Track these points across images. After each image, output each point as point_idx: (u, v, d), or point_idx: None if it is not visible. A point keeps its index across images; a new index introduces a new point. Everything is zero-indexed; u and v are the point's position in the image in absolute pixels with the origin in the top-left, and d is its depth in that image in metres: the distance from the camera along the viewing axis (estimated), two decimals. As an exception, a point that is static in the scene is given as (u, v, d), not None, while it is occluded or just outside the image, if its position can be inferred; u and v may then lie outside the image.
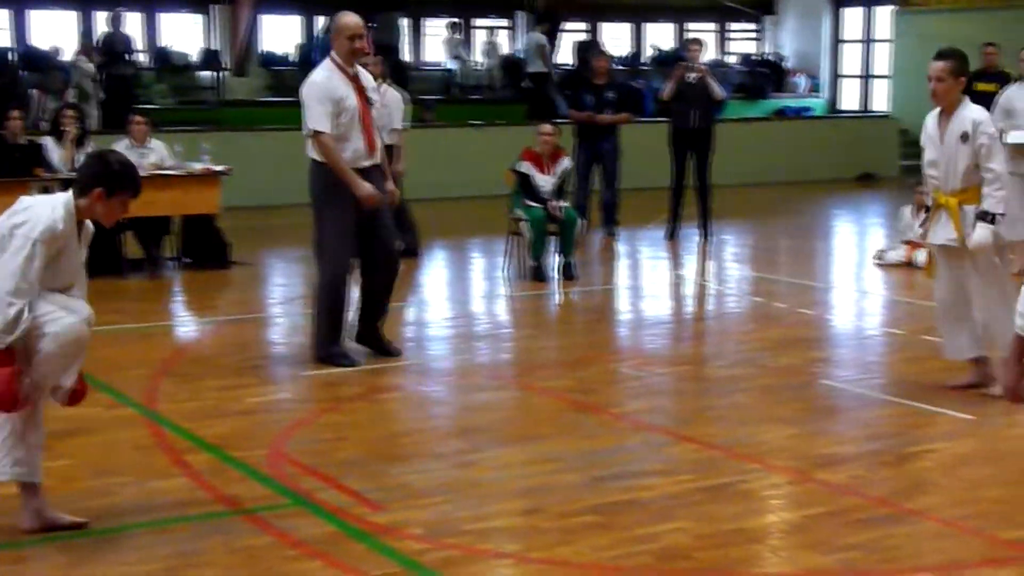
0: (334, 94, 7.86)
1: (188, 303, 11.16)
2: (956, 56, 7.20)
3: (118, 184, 5.05)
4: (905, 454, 6.33)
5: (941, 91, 7.14)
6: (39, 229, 4.84)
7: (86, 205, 5.01)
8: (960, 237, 7.15)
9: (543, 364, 8.49)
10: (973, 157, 7.07)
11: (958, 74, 7.13)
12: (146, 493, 5.71)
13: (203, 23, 21.07)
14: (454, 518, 5.38)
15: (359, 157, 7.94)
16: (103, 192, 5.00)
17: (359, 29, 7.93)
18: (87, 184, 5.02)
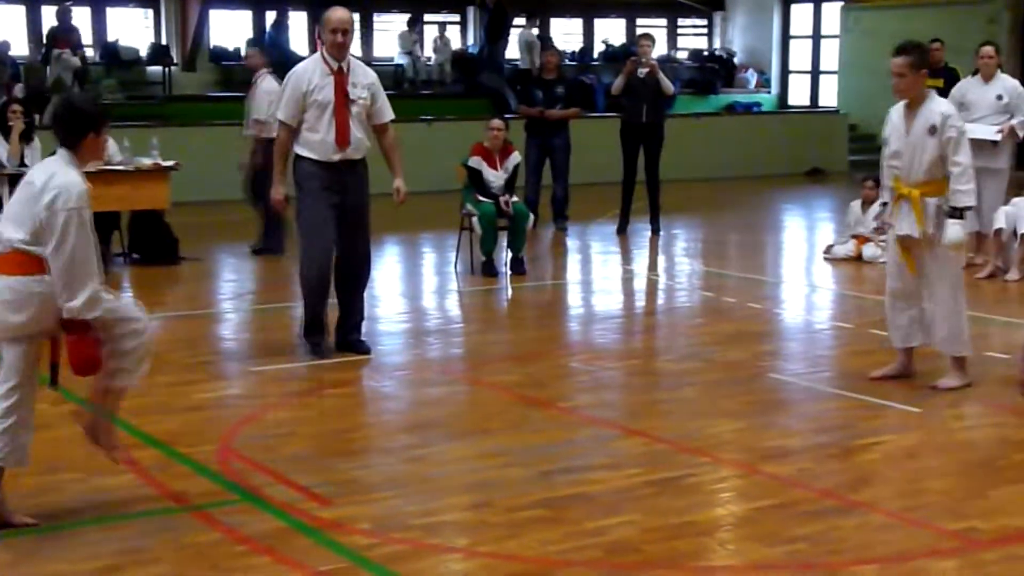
0: (303, 84, 7.94)
1: (136, 299, 11.00)
2: (915, 49, 7.22)
3: (100, 120, 5.10)
4: (852, 447, 6.38)
5: (903, 86, 7.17)
6: (74, 195, 4.91)
7: (83, 154, 5.07)
8: (921, 228, 7.19)
9: (493, 359, 8.49)
10: (940, 150, 7.11)
11: (918, 67, 7.14)
12: (92, 490, 5.67)
13: (152, 17, 20.90)
14: (402, 513, 5.37)
15: (327, 150, 7.97)
16: (94, 134, 5.06)
17: (341, 24, 7.98)
18: (78, 133, 5.03)
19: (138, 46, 20.45)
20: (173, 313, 10.14)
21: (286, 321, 9.40)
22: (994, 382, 7.49)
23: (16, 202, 5.06)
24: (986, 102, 11.46)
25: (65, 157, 5.04)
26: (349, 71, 8.03)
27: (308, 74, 7.98)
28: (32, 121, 11.86)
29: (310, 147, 7.99)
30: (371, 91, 8.09)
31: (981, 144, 11.34)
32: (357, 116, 8.01)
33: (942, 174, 7.17)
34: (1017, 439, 6.46)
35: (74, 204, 4.90)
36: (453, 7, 23.52)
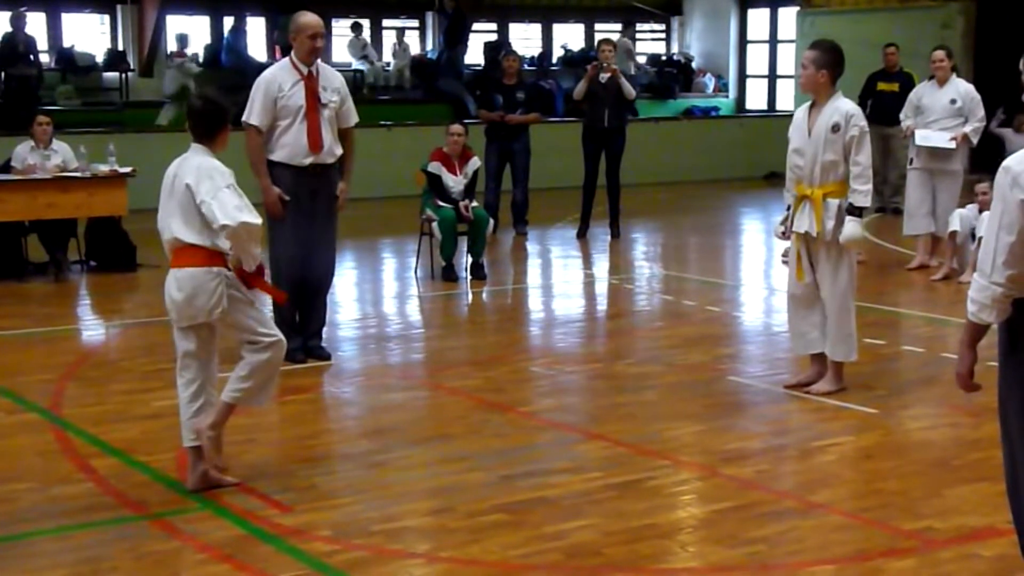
0: (272, 88, 7.93)
1: (94, 306, 11.01)
2: (825, 48, 7.22)
3: (228, 113, 5.71)
4: (810, 448, 6.43)
5: (804, 79, 7.21)
6: (226, 173, 5.55)
7: (216, 146, 5.67)
8: (820, 228, 7.20)
9: (453, 364, 8.50)
10: (842, 149, 7.14)
11: (820, 65, 7.12)
12: (50, 499, 5.63)
13: (108, 23, 20.76)
14: (363, 519, 5.37)
15: (298, 154, 7.97)
16: (224, 129, 5.67)
17: (318, 28, 7.99)
18: (217, 126, 5.67)
19: (94, 52, 20.30)
20: (131, 320, 10.08)
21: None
22: (949, 383, 7.47)
23: (171, 202, 5.61)
24: (940, 106, 11.56)
25: (200, 150, 5.64)
26: (318, 75, 8.02)
27: (278, 79, 7.97)
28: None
29: (282, 152, 7.97)
30: (340, 94, 8.09)
31: (934, 148, 11.47)
32: (328, 120, 8.02)
33: (844, 174, 7.21)
34: (972, 439, 6.52)
35: (228, 180, 5.50)
36: (412, 12, 23.50)
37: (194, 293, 5.57)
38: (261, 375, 5.72)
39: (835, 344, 7.35)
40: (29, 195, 11.42)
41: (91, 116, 18.24)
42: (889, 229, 14.02)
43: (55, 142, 11.90)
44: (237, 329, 5.72)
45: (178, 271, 5.62)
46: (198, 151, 5.66)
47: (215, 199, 5.45)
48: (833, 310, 7.30)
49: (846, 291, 7.31)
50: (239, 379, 5.71)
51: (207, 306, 5.58)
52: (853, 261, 7.38)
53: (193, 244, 5.57)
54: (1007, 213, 3.86)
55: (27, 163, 11.63)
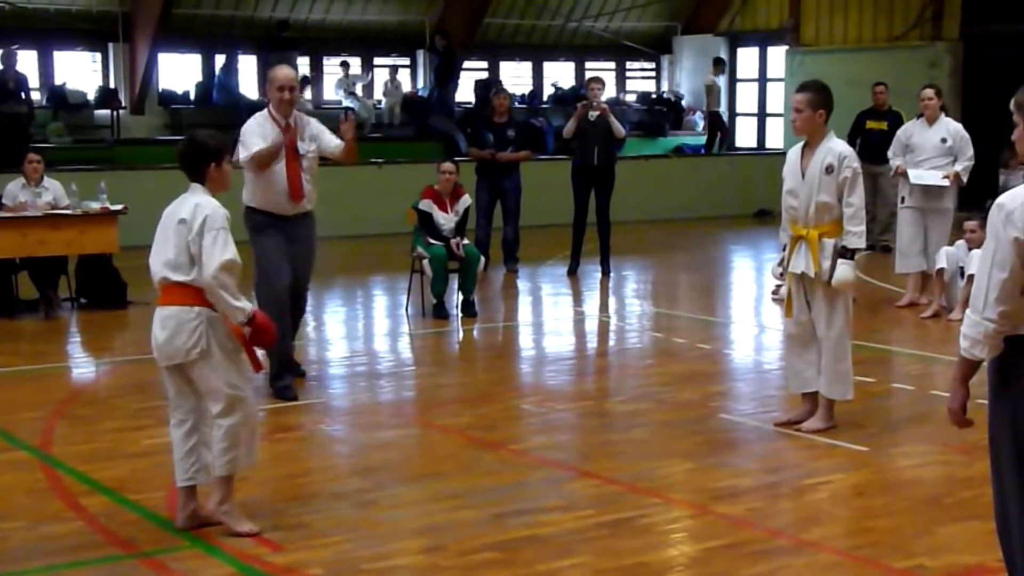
0: (260, 135, 8.08)
1: (84, 344, 10.99)
2: (816, 88, 7.27)
3: (220, 153, 5.70)
4: (801, 486, 6.43)
5: (799, 122, 7.21)
6: (219, 217, 5.55)
7: (210, 185, 5.67)
8: (817, 268, 7.21)
9: (444, 401, 8.49)
10: (836, 190, 7.15)
11: (816, 106, 7.15)
12: (40, 537, 5.61)
13: (100, 61, 20.82)
14: (354, 557, 5.35)
15: (280, 205, 8.18)
16: (216, 166, 5.65)
17: (288, 82, 8.16)
18: (202, 166, 5.66)
19: (86, 90, 20.35)
20: (121, 358, 10.07)
21: (236, 365, 9.36)
22: (940, 420, 7.54)
23: (165, 239, 5.64)
24: (930, 145, 11.61)
25: (199, 189, 5.66)
26: (297, 126, 8.17)
27: (262, 128, 8.13)
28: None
29: (264, 202, 8.16)
30: (316, 142, 8.26)
31: (927, 186, 11.52)
32: (308, 170, 8.22)
33: (838, 215, 7.20)
34: (963, 476, 6.53)
35: (220, 224, 5.51)
36: (403, 50, 23.60)
37: (175, 332, 5.55)
38: (243, 437, 5.65)
39: (831, 383, 7.35)
40: (20, 232, 11.42)
41: (82, 154, 18.24)
42: (879, 267, 14.06)
43: (46, 179, 11.91)
44: (203, 383, 5.63)
45: (163, 309, 5.63)
46: (196, 191, 5.69)
47: (208, 246, 5.48)
48: (829, 348, 7.31)
49: (842, 330, 7.31)
50: (223, 451, 5.62)
51: (185, 346, 5.53)
52: (849, 300, 7.37)
53: (179, 282, 5.56)
54: (1000, 250, 3.89)
55: (18, 200, 11.63)
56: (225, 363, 5.58)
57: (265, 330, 5.62)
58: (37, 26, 19.74)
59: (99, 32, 20.23)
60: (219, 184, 5.71)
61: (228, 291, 5.48)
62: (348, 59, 22.37)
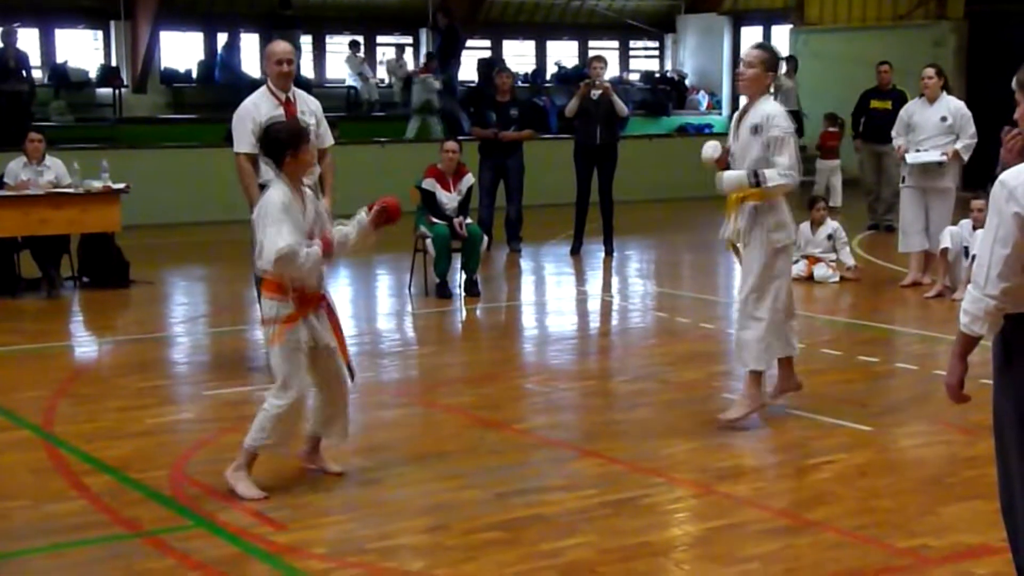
0: (255, 117, 8.03)
1: (87, 323, 10.99)
2: (771, 49, 7.21)
3: (292, 142, 5.87)
4: (804, 466, 6.42)
5: (749, 77, 6.98)
6: (269, 204, 5.80)
7: (289, 172, 5.88)
8: (735, 232, 7.07)
9: (447, 381, 8.49)
10: (763, 150, 6.92)
11: (768, 66, 6.98)
12: (43, 516, 5.61)
13: (102, 39, 20.78)
14: (358, 536, 5.35)
15: None
16: (292, 154, 5.84)
17: (285, 55, 8.16)
18: (277, 155, 5.89)
19: (88, 68, 20.31)
20: (124, 337, 10.07)
21: (239, 344, 9.36)
22: (943, 400, 7.49)
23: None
24: (931, 123, 11.59)
25: (275, 182, 5.92)
26: (296, 100, 8.17)
27: (258, 107, 8.13)
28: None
29: (268, 177, 8.04)
30: (316, 117, 8.26)
31: (927, 165, 11.49)
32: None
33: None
34: (966, 456, 6.52)
35: (272, 209, 5.74)
36: (406, 29, 23.55)
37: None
38: (278, 423, 5.88)
39: (736, 348, 7.22)
40: (22, 211, 11.40)
41: (84, 132, 18.25)
42: (882, 246, 14.05)
43: (48, 158, 11.90)
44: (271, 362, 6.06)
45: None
46: (274, 183, 5.94)
47: (264, 239, 5.74)
48: (737, 312, 7.17)
49: (749, 295, 7.02)
50: (257, 429, 5.91)
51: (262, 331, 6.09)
52: (770, 268, 6.98)
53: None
54: (1002, 226, 3.88)
55: (20, 179, 11.62)
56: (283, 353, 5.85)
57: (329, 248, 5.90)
58: (39, 4, 19.70)
59: (101, 10, 20.20)
60: (297, 170, 5.90)
61: (290, 267, 5.73)
62: (356, 37, 22.35)
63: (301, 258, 5.72)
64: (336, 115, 19.93)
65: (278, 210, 5.73)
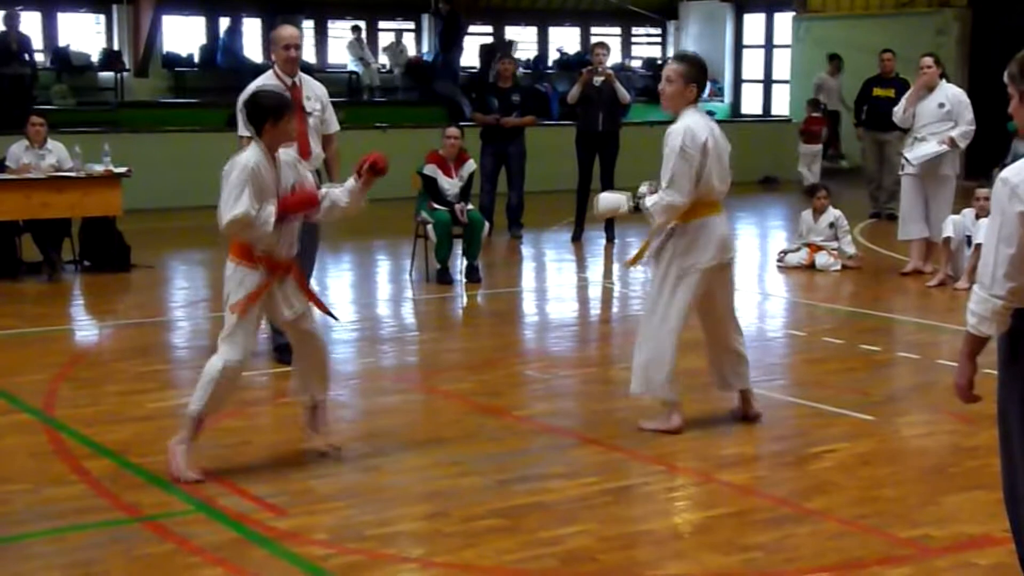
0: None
1: (88, 307, 10.98)
2: (692, 61, 6.71)
3: (272, 110, 5.86)
4: (806, 455, 6.41)
5: (668, 92, 6.61)
6: (238, 166, 5.78)
7: (267, 140, 5.85)
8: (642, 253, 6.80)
9: (448, 367, 8.48)
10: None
11: (689, 79, 6.56)
12: (42, 500, 5.60)
13: (104, 23, 20.73)
14: (358, 523, 5.34)
15: None
16: (272, 122, 5.82)
17: (292, 39, 8.17)
18: (256, 122, 5.87)
19: (90, 52, 20.28)
20: (125, 321, 10.05)
21: (239, 329, 9.34)
22: (945, 390, 7.51)
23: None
24: (929, 111, 11.60)
25: (254, 143, 5.87)
26: (302, 85, 8.16)
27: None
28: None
29: None
30: (322, 103, 8.26)
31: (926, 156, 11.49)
32: (314, 128, 8.20)
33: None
34: (969, 446, 6.51)
35: (236, 172, 5.73)
36: (407, 14, 23.50)
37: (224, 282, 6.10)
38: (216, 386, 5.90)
39: (633, 373, 6.75)
40: (23, 194, 11.38)
41: (86, 116, 18.21)
42: (884, 235, 14.03)
43: (50, 142, 11.88)
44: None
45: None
46: (250, 147, 5.92)
47: (220, 202, 5.75)
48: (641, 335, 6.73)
49: (648, 318, 6.67)
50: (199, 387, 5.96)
51: (225, 294, 6.08)
52: (672, 294, 6.56)
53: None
54: (1006, 225, 3.84)
55: (22, 162, 11.60)
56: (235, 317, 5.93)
57: (297, 202, 5.90)
58: (40, -13, 19.67)
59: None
60: (276, 139, 5.88)
61: (245, 231, 5.78)
62: (358, 22, 22.32)
63: (258, 223, 5.74)
64: (337, 100, 19.94)
65: (242, 174, 5.74)
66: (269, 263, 5.91)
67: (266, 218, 5.78)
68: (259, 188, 5.76)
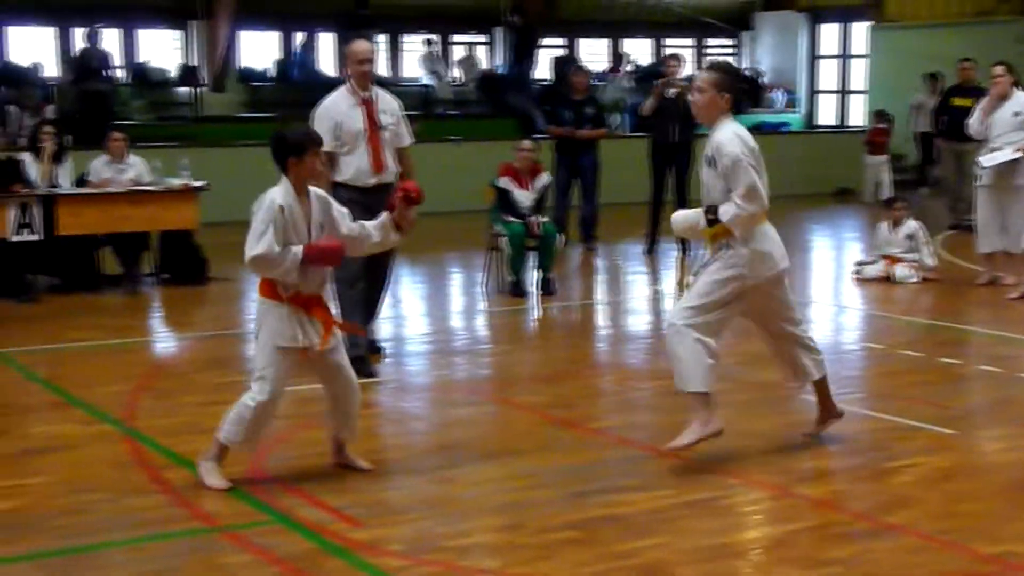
0: (333, 116, 8.20)
1: (166, 319, 11.12)
2: (723, 69, 6.48)
3: (297, 147, 5.87)
4: (885, 469, 6.33)
5: (701, 102, 6.32)
6: (264, 204, 5.87)
7: (292, 176, 5.88)
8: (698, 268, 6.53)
9: (522, 379, 8.48)
10: (723, 182, 6.24)
11: (721, 88, 6.28)
12: (123, 510, 5.67)
13: (181, 39, 21.01)
14: (433, 534, 5.35)
15: (362, 175, 8.26)
16: (295, 159, 5.84)
17: (366, 55, 8.28)
18: (279, 158, 5.90)
19: (167, 67, 20.56)
20: (202, 333, 10.16)
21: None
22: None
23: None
24: (1004, 120, 11.46)
25: (283, 180, 5.91)
26: (376, 99, 8.23)
27: (337, 105, 8.27)
28: (63, 142, 11.92)
29: (347, 173, 8.26)
30: (396, 116, 8.35)
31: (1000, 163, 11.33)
32: (387, 141, 8.30)
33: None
34: (1052, 461, 6.40)
35: (263, 211, 5.84)
36: (480, 28, 23.58)
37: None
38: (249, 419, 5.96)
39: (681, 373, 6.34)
40: (104, 208, 11.56)
41: (164, 130, 18.45)
42: (963, 246, 13.83)
43: (130, 156, 12.06)
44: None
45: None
46: (280, 184, 5.93)
47: (246, 240, 5.84)
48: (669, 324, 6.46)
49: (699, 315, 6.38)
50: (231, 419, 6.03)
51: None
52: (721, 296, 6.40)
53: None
54: None
55: (102, 177, 11.79)
56: (263, 349, 5.96)
57: (321, 255, 5.87)
58: (120, 4, 19.97)
59: (180, 10, 20.41)
60: (300, 175, 5.88)
61: (267, 271, 5.83)
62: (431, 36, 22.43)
63: (279, 261, 5.77)
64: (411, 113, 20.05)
65: (267, 213, 5.80)
66: (296, 299, 5.91)
67: (291, 264, 5.79)
68: (285, 227, 5.81)
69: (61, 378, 8.40)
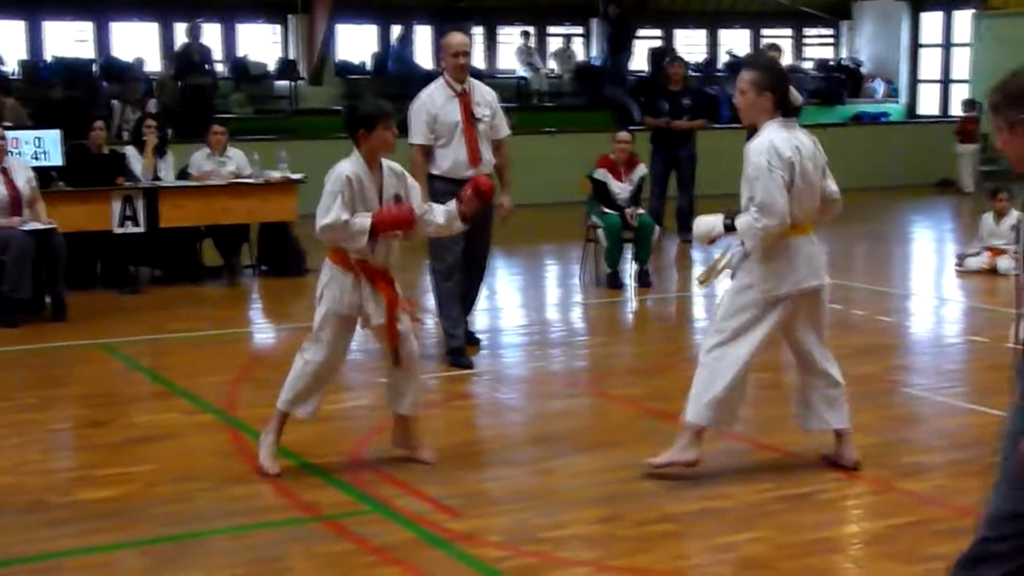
0: (429, 109, 8.25)
1: (265, 310, 11.26)
2: (764, 67, 6.05)
3: (369, 120, 5.93)
4: (989, 463, 6.20)
5: (743, 105, 5.95)
6: (332, 176, 5.94)
7: (363, 148, 5.94)
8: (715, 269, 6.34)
9: (618, 371, 8.46)
10: (747, 190, 5.97)
11: (763, 88, 5.84)
12: (226, 499, 5.76)
13: (280, 33, 21.26)
14: (532, 525, 5.36)
15: (459, 167, 8.24)
16: (365, 131, 5.89)
17: (461, 47, 8.30)
18: (351, 130, 5.98)
19: (266, 61, 20.81)
20: (300, 324, 10.23)
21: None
22: None
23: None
24: None
25: (354, 152, 5.98)
26: (471, 91, 8.29)
27: (434, 98, 8.31)
28: (165, 135, 12.13)
29: (443, 166, 8.27)
30: (492, 108, 8.33)
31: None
32: (483, 134, 8.31)
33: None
34: None
35: (332, 181, 5.89)
36: (577, 19, 23.53)
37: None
38: (304, 382, 6.12)
39: (692, 401, 6.04)
40: (204, 201, 11.74)
41: (263, 124, 18.66)
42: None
43: (230, 149, 12.22)
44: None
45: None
46: (351, 155, 6.01)
47: (318, 208, 5.89)
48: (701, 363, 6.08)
49: (720, 344, 6.03)
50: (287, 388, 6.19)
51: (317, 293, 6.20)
52: (756, 322, 6.05)
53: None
54: None
55: (203, 170, 11.97)
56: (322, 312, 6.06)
57: (392, 220, 5.89)
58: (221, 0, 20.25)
59: (279, 4, 20.65)
60: (372, 147, 5.93)
61: (336, 239, 5.89)
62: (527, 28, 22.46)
63: (347, 229, 5.81)
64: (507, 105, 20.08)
65: (335, 184, 5.86)
66: (364, 269, 5.97)
67: (359, 230, 5.82)
68: (354, 198, 5.85)
69: (164, 368, 8.54)
